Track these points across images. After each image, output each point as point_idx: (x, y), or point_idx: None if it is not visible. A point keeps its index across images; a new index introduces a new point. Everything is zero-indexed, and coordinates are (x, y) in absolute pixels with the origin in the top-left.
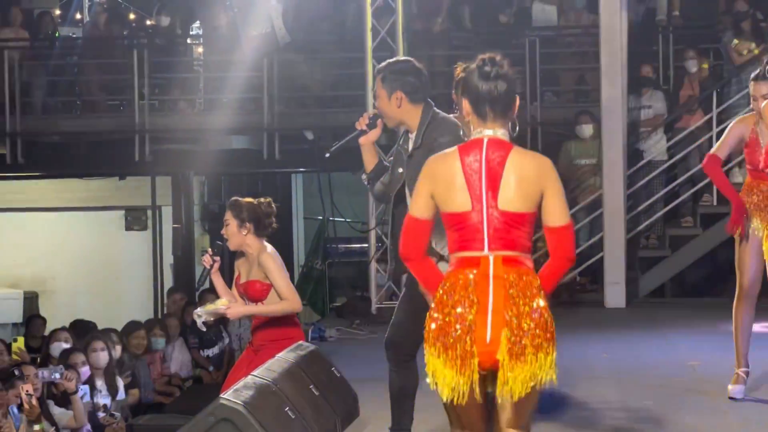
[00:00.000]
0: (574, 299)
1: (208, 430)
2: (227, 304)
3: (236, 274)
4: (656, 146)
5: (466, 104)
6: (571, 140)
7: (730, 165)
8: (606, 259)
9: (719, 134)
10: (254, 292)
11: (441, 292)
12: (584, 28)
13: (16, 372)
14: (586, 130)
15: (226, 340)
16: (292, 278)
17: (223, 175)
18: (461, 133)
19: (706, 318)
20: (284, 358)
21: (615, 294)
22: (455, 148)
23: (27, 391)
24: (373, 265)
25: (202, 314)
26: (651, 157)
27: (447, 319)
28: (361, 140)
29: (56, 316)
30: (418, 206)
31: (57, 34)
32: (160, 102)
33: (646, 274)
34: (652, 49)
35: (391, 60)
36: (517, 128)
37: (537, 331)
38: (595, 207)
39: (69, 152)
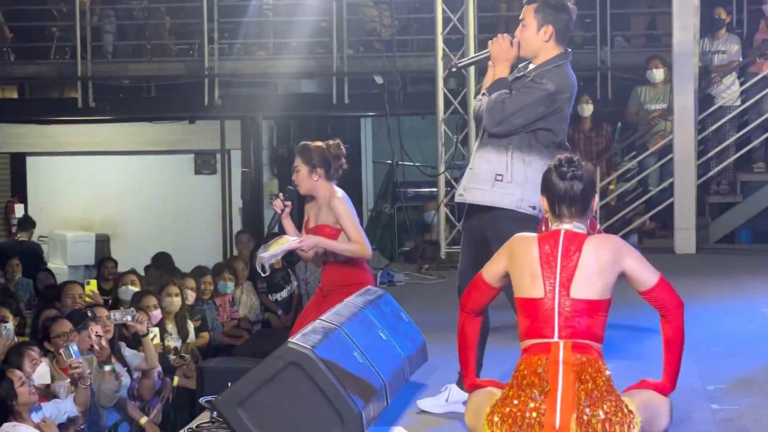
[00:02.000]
0: (644, 245)
1: (276, 373)
2: (295, 238)
3: (306, 217)
4: (728, 91)
5: (544, 202)
6: (642, 85)
7: None
8: (676, 204)
9: None
10: (324, 236)
11: (512, 383)
12: None
13: (89, 313)
14: (657, 74)
15: (294, 284)
16: (360, 222)
17: (292, 119)
18: (569, 93)
19: None
20: (353, 302)
21: (685, 240)
22: (535, 235)
23: (96, 332)
24: (442, 209)
25: (266, 257)
26: (723, 102)
27: (516, 404)
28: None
29: (127, 258)
30: (491, 275)
31: None
32: (229, 46)
33: (716, 220)
34: None
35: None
36: (596, 215)
37: (612, 415)
38: (666, 152)
39: (139, 96)
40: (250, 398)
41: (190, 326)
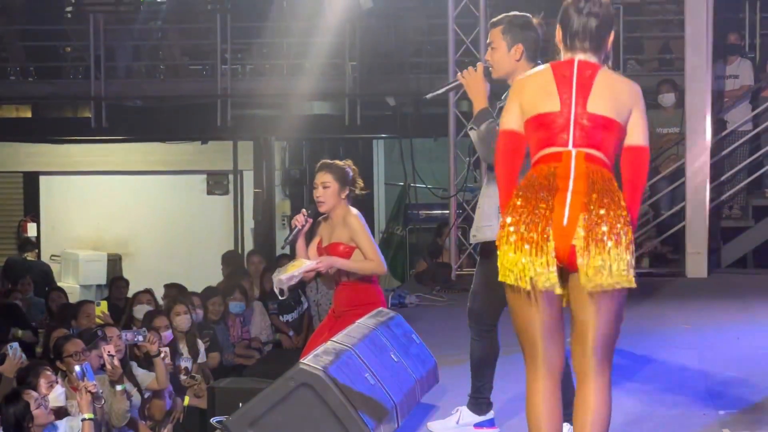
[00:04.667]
0: (656, 269)
1: (287, 394)
2: (310, 261)
3: (317, 239)
4: (741, 115)
5: (558, 32)
6: (653, 109)
7: None
8: (688, 228)
9: None
10: (337, 254)
11: (518, 192)
12: None
13: (99, 333)
14: (668, 98)
15: (305, 305)
16: None
17: (305, 141)
18: None
19: None
20: (364, 324)
21: (696, 264)
22: (548, 65)
23: (109, 352)
24: (454, 231)
25: (284, 280)
26: (735, 127)
27: (523, 213)
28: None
29: (138, 278)
30: (508, 119)
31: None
32: (242, 67)
33: (728, 244)
34: (738, 17)
35: (509, 14)
36: (610, 62)
37: (617, 222)
38: (678, 176)
39: (152, 116)
40: (262, 419)
41: (201, 346)
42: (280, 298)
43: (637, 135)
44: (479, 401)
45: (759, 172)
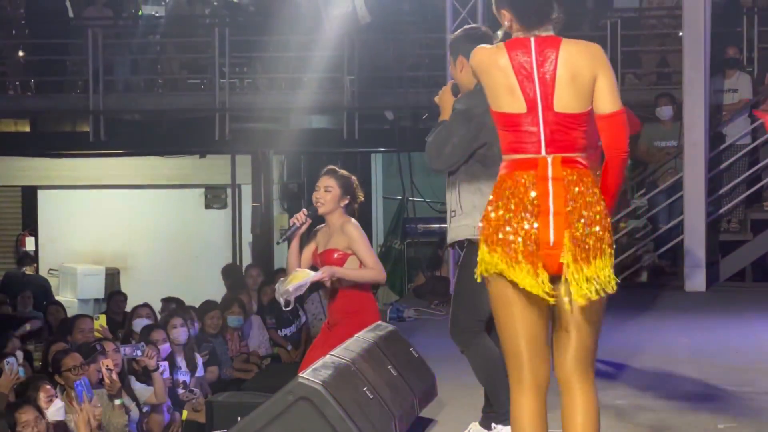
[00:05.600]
0: (654, 282)
1: (286, 408)
2: (312, 272)
3: (313, 246)
4: (739, 129)
5: (506, 13)
6: (651, 122)
7: None
8: (686, 242)
9: None
10: (331, 262)
11: (497, 204)
12: (667, 10)
13: (98, 347)
14: (666, 112)
15: (303, 319)
16: None
17: (303, 155)
18: (483, 106)
19: None
20: (363, 337)
21: (695, 278)
22: (501, 44)
23: (107, 366)
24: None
25: (291, 291)
26: (733, 140)
27: (504, 224)
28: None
29: (137, 292)
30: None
31: (140, 13)
32: (240, 81)
33: (726, 258)
34: (736, 31)
35: (466, 27)
36: (562, 21)
37: (597, 225)
38: (676, 190)
39: (150, 130)
40: None
41: (199, 360)
42: (285, 309)
43: (604, 102)
44: (490, 416)
45: (757, 185)
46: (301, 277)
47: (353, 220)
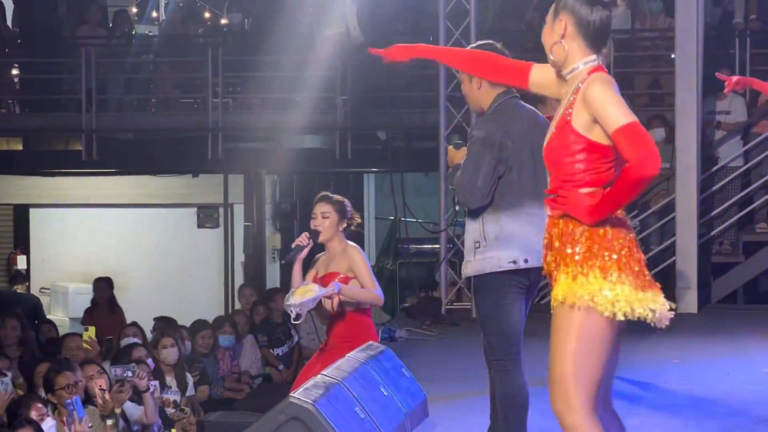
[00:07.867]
0: None
1: (277, 428)
2: (320, 287)
3: (314, 272)
4: (732, 151)
5: (570, 28)
6: None
7: None
8: (678, 264)
9: None
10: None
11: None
12: (660, 32)
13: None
14: (658, 134)
15: (295, 339)
16: None
17: (296, 174)
18: (502, 130)
19: None
20: (354, 357)
21: (686, 299)
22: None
23: (100, 386)
24: (444, 266)
25: (303, 304)
26: (726, 162)
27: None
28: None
29: (128, 311)
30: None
31: (133, 32)
32: (233, 100)
33: (718, 279)
34: (729, 53)
35: (475, 43)
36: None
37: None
38: (668, 211)
39: (143, 149)
40: None
41: (189, 379)
42: (294, 322)
43: (609, 127)
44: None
45: (749, 207)
46: (309, 291)
47: (354, 244)
